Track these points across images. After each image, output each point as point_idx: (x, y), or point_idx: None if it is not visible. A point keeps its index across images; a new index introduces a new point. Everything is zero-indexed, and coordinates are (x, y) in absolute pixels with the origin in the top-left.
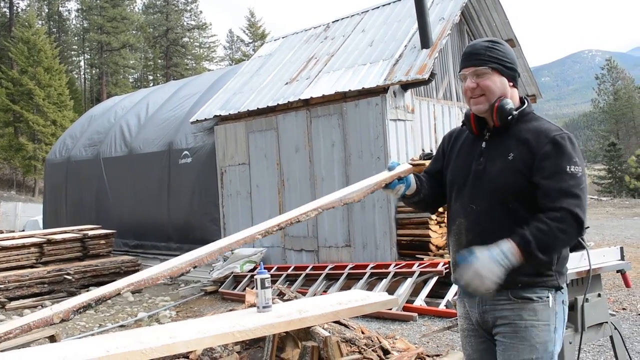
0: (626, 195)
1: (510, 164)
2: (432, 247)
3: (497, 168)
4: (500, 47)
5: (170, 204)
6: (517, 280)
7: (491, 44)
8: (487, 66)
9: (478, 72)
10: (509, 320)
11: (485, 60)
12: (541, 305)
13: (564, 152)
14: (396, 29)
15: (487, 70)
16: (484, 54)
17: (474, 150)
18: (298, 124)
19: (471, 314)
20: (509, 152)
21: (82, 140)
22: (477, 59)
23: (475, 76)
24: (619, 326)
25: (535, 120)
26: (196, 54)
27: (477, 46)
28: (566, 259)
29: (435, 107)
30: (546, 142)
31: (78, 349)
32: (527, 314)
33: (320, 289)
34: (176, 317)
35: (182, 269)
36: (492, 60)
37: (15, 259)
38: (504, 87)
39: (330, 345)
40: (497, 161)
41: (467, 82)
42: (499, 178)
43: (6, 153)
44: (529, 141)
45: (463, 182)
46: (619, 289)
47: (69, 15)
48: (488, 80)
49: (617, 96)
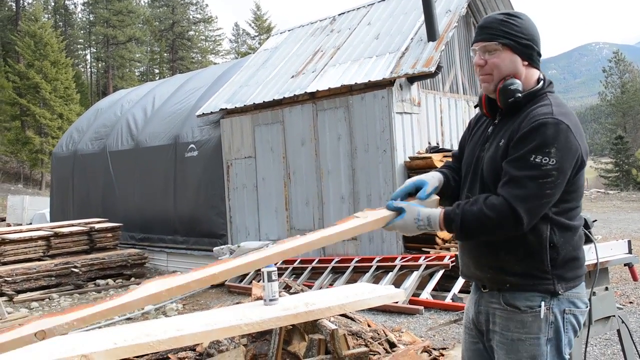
0: (633, 188)
1: (498, 151)
2: (438, 240)
3: (488, 156)
4: (516, 21)
5: (176, 197)
6: (505, 280)
7: (506, 17)
8: (497, 42)
9: (487, 48)
10: (499, 328)
11: (496, 35)
12: (530, 316)
13: (537, 138)
14: (402, 21)
15: (496, 46)
16: (496, 28)
17: (483, 135)
18: (304, 117)
19: (469, 310)
20: (502, 139)
21: (88, 134)
22: (487, 33)
23: (484, 52)
24: (626, 320)
25: (540, 102)
26: (202, 47)
27: (490, 19)
28: (574, 262)
29: (442, 100)
30: (527, 126)
31: (85, 341)
32: (514, 325)
33: (326, 282)
34: (183, 310)
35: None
36: (504, 35)
37: (23, 252)
38: (514, 65)
39: (336, 338)
40: (492, 149)
41: (475, 58)
42: (487, 166)
43: (13, 147)
44: (516, 128)
45: (467, 169)
46: (626, 282)
47: (75, 8)
48: (496, 57)
49: (624, 89)
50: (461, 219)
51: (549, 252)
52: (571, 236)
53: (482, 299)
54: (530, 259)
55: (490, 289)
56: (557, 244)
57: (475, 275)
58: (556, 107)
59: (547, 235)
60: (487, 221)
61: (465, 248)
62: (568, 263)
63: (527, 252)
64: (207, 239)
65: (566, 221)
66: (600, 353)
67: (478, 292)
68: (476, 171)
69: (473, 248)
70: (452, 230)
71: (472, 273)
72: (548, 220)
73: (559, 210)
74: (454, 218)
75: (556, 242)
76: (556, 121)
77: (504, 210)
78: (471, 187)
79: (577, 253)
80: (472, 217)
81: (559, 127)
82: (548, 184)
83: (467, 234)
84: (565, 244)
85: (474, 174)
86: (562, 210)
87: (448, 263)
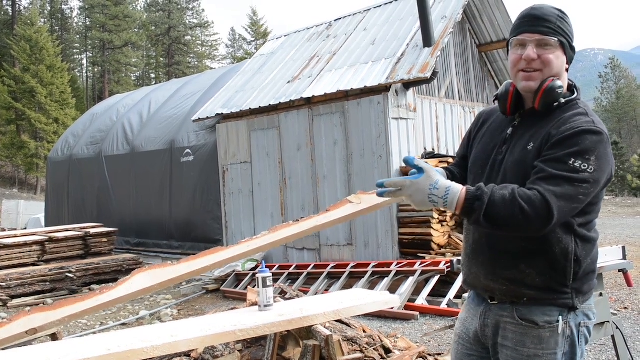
0: (628, 194)
1: (527, 155)
2: (434, 245)
3: (513, 159)
4: (569, 22)
5: (172, 202)
6: (522, 294)
7: (562, 14)
8: (556, 38)
9: (545, 42)
10: (512, 343)
11: (555, 30)
12: (548, 332)
13: (580, 143)
14: (398, 27)
15: (555, 42)
16: (555, 23)
17: (499, 136)
18: (300, 123)
19: (470, 322)
20: (530, 142)
21: (84, 139)
22: (546, 27)
23: (540, 46)
24: (620, 325)
25: (574, 109)
26: (198, 52)
27: (547, 11)
28: (590, 275)
29: (438, 106)
30: (568, 130)
31: (80, 347)
32: (530, 341)
33: (321, 287)
34: (178, 316)
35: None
36: (562, 33)
37: (17, 257)
38: (561, 67)
39: (331, 344)
40: (516, 151)
41: (527, 51)
42: (512, 170)
43: (8, 151)
44: (550, 133)
45: (480, 172)
46: (621, 288)
47: (71, 13)
48: (552, 54)
49: (619, 95)
50: (489, 200)
51: (573, 265)
52: (591, 248)
53: (490, 311)
54: (553, 272)
55: (500, 301)
56: (580, 257)
57: (486, 286)
58: (594, 117)
59: (572, 248)
60: (517, 210)
61: (476, 257)
62: (587, 276)
63: (550, 265)
64: (203, 244)
65: (588, 233)
66: (595, 359)
67: (484, 304)
68: (492, 174)
69: (488, 259)
70: (472, 212)
71: (482, 284)
72: (572, 232)
73: (583, 222)
74: (479, 196)
75: (579, 255)
76: (599, 131)
77: (537, 203)
78: None
79: (595, 266)
80: (502, 201)
81: (602, 138)
82: (583, 189)
83: (489, 219)
84: (587, 257)
85: (489, 178)
86: (585, 221)
87: (444, 269)
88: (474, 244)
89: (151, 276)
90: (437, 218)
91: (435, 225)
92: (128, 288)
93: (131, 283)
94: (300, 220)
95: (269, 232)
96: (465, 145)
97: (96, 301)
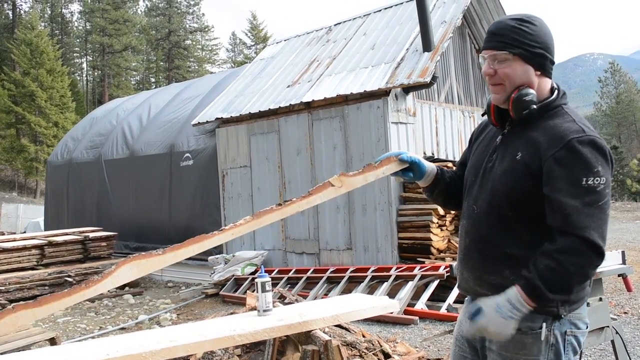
0: (628, 198)
1: (515, 165)
2: (433, 250)
3: (502, 169)
4: (529, 28)
5: (171, 206)
6: None
7: (519, 24)
8: (507, 51)
9: (497, 57)
10: (497, 347)
11: (507, 43)
12: (530, 338)
13: (580, 159)
14: (398, 32)
15: (507, 55)
16: (508, 35)
17: (490, 145)
18: (300, 127)
19: (462, 324)
20: (518, 151)
21: (83, 142)
22: (498, 41)
23: (494, 61)
24: (620, 330)
25: (560, 117)
26: (198, 56)
27: (502, 25)
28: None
29: (437, 110)
30: (560, 146)
31: (78, 351)
32: (513, 346)
33: (321, 292)
34: (177, 320)
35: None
36: (516, 44)
37: (16, 260)
38: (527, 76)
39: (330, 349)
40: (505, 160)
41: (484, 67)
42: (500, 180)
43: (8, 155)
44: (539, 142)
45: (473, 179)
46: (621, 292)
47: (71, 17)
48: (508, 67)
49: (619, 99)
50: (543, 283)
51: None
52: None
53: None
54: None
55: None
56: None
57: (474, 290)
58: (580, 121)
59: None
60: (570, 268)
61: (466, 262)
62: None
63: None
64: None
65: None
66: None
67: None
68: (483, 182)
69: (476, 264)
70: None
71: (471, 288)
72: None
73: None
74: (536, 285)
75: None
76: (590, 138)
77: (580, 248)
78: (477, 199)
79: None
80: (552, 273)
81: (597, 144)
82: (606, 204)
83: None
84: None
85: (481, 185)
86: None
87: (443, 273)
88: (465, 250)
89: (137, 267)
90: (436, 222)
91: (435, 230)
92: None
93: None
94: (283, 205)
95: (253, 218)
96: (467, 152)
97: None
